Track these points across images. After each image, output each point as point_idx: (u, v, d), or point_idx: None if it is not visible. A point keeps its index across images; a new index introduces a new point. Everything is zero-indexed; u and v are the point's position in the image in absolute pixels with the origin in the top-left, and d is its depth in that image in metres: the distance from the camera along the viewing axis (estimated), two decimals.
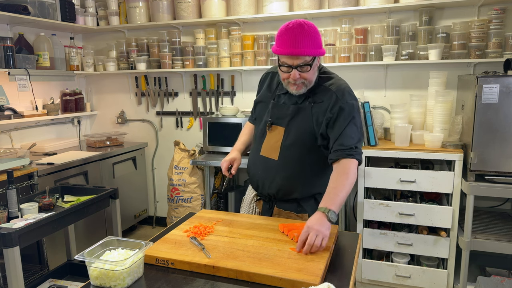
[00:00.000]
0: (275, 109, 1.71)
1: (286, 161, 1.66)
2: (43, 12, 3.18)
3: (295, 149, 1.65)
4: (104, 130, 4.17)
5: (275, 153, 1.67)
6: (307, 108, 1.64)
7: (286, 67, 1.55)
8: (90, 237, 3.22)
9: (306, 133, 1.64)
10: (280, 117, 1.68)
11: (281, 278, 1.16)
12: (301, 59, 1.51)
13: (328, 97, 1.61)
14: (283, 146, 1.66)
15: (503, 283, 2.22)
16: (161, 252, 1.33)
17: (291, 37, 1.48)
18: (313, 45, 1.51)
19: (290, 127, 1.66)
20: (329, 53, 3.14)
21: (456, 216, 2.62)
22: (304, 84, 1.59)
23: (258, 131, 1.79)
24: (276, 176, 1.69)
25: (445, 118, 2.74)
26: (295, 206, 1.73)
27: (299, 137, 1.64)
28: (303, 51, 1.48)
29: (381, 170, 2.75)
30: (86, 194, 2.42)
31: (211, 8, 3.32)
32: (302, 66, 1.52)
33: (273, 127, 1.70)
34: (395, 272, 2.81)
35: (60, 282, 2.53)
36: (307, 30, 1.49)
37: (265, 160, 1.71)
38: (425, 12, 2.89)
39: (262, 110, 1.78)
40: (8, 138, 3.26)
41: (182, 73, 3.76)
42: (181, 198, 3.49)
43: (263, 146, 1.72)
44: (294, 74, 1.54)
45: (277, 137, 1.68)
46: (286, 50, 1.49)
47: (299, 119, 1.65)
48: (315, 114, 1.62)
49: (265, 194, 1.76)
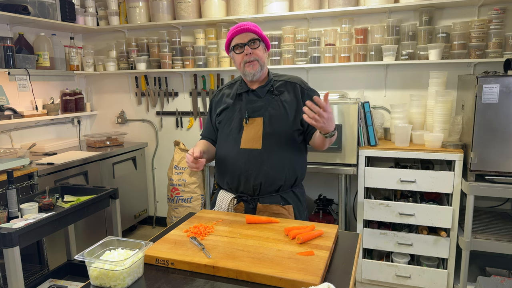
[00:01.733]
0: (248, 104, 1.80)
1: (270, 148, 1.74)
2: (43, 12, 3.18)
3: (275, 136, 1.75)
4: (104, 130, 4.17)
5: (258, 143, 1.74)
6: (276, 99, 1.79)
7: (239, 48, 1.74)
8: (90, 237, 3.22)
9: (282, 120, 1.76)
10: (256, 110, 1.78)
11: (281, 278, 1.16)
12: (249, 35, 1.72)
13: (292, 88, 1.81)
14: (265, 134, 1.74)
15: (503, 283, 2.22)
16: (161, 252, 1.33)
17: (240, 24, 1.74)
18: (259, 29, 1.76)
19: (267, 116, 1.76)
20: (329, 53, 3.14)
21: (456, 216, 2.62)
22: (258, 63, 1.74)
23: (231, 131, 1.81)
24: (262, 164, 1.72)
25: (445, 118, 2.74)
26: (279, 199, 1.76)
27: (277, 124, 1.75)
28: (250, 28, 1.72)
29: (381, 170, 2.75)
30: (86, 194, 2.42)
31: (211, 8, 3.33)
32: (252, 41, 1.72)
33: (250, 119, 1.77)
34: (395, 272, 2.81)
35: (60, 282, 2.53)
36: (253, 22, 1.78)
37: (247, 152, 1.74)
38: (425, 12, 2.89)
39: (229, 113, 1.85)
40: (8, 138, 3.26)
41: (182, 73, 3.76)
42: (181, 198, 3.49)
43: (243, 140, 1.76)
44: (247, 49, 1.72)
45: (257, 127, 1.76)
46: (235, 30, 1.73)
47: (273, 109, 1.77)
48: (284, 103, 1.78)
49: (249, 189, 1.74)
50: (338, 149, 2.74)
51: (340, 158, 2.75)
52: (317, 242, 1.39)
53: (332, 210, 3.15)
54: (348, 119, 2.69)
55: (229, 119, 1.84)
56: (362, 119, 2.79)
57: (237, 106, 1.83)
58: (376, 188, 2.89)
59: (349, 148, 2.72)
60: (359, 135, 2.76)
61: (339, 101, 2.73)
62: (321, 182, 3.38)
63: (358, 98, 2.86)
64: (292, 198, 1.79)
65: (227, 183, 1.82)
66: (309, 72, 3.37)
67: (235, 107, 1.84)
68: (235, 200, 1.79)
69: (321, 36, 3.23)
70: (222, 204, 1.82)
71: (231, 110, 1.84)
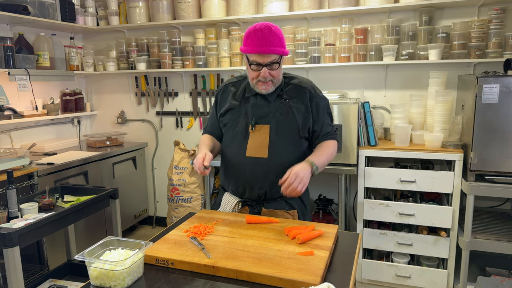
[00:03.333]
0: (255, 109, 1.73)
1: (276, 157, 1.69)
2: (43, 12, 3.18)
3: (282, 144, 1.70)
4: (104, 130, 4.17)
5: (264, 151, 1.69)
6: (285, 104, 1.73)
7: (256, 66, 1.61)
8: (90, 237, 3.22)
9: (290, 127, 1.71)
10: (263, 116, 1.72)
11: (281, 278, 1.16)
12: (270, 57, 1.59)
13: (302, 93, 1.74)
14: (271, 143, 1.69)
15: (503, 283, 2.22)
16: (161, 252, 1.33)
17: (261, 37, 1.55)
18: (281, 45, 1.59)
19: (274, 123, 1.71)
20: (329, 53, 3.14)
21: (456, 216, 2.62)
22: (272, 82, 1.67)
23: (236, 135, 1.76)
24: (267, 174, 1.69)
25: (445, 118, 2.74)
26: (284, 204, 1.75)
27: (284, 132, 1.71)
28: (273, 49, 1.57)
29: (381, 170, 2.75)
30: (86, 194, 2.42)
31: (211, 8, 3.32)
32: (271, 64, 1.60)
33: (257, 126, 1.71)
34: (395, 272, 2.81)
35: (60, 282, 2.53)
36: (275, 31, 1.58)
37: (253, 160, 1.70)
38: (425, 12, 2.89)
39: (234, 116, 1.78)
40: (8, 138, 3.26)
41: (182, 73, 3.76)
42: (181, 198, 3.49)
43: (249, 147, 1.71)
44: (264, 72, 1.61)
45: (263, 135, 1.70)
46: (257, 48, 1.56)
47: (281, 115, 1.72)
48: (293, 108, 1.72)
49: (254, 195, 1.74)
50: (338, 149, 2.73)
51: (340, 158, 2.75)
52: (317, 242, 1.39)
53: (332, 210, 3.15)
54: (348, 119, 2.69)
55: (234, 121, 1.77)
56: (362, 119, 2.79)
57: (242, 108, 1.76)
58: (376, 188, 2.89)
59: (349, 148, 2.72)
60: (359, 135, 2.76)
61: (339, 101, 2.73)
62: (321, 182, 3.38)
63: (358, 98, 2.86)
64: (297, 202, 1.78)
65: (231, 188, 1.81)
66: (309, 72, 3.37)
67: (240, 109, 1.77)
68: (240, 204, 1.79)
69: (321, 36, 3.23)
70: (226, 207, 1.81)
71: (237, 113, 1.77)
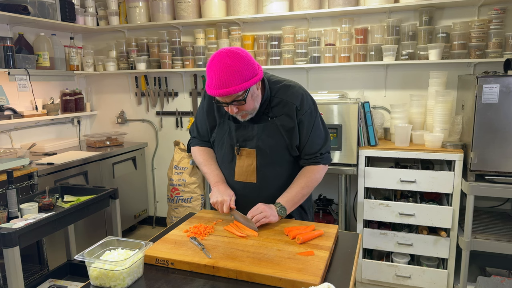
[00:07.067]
0: (239, 131, 1.63)
1: (266, 182, 1.64)
2: (43, 12, 3.18)
3: (271, 168, 1.63)
4: (104, 130, 4.17)
5: (252, 176, 1.64)
6: (271, 123, 1.60)
7: (222, 103, 1.50)
8: (90, 237, 3.22)
9: (279, 148, 1.62)
10: (247, 139, 1.62)
11: (281, 278, 1.16)
12: (232, 96, 1.43)
13: (289, 109, 1.59)
14: (259, 168, 1.62)
15: (503, 283, 2.22)
16: (161, 252, 1.33)
17: (217, 77, 1.39)
18: (242, 79, 1.39)
19: (261, 147, 1.60)
20: (329, 53, 3.14)
21: (456, 216, 2.62)
22: (247, 113, 1.54)
23: (223, 156, 1.70)
24: (258, 197, 1.64)
25: (445, 118, 2.74)
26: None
27: (272, 155, 1.61)
28: (232, 90, 1.39)
29: (381, 170, 2.75)
30: (86, 194, 2.41)
31: (211, 8, 3.32)
32: (236, 101, 1.46)
33: (242, 150, 1.63)
34: (395, 272, 2.81)
35: (60, 282, 2.53)
36: (231, 65, 1.38)
37: (243, 184, 1.66)
38: (425, 12, 2.89)
39: (220, 134, 1.69)
40: (8, 138, 3.26)
41: (182, 73, 3.76)
42: (181, 198, 3.49)
43: (237, 172, 1.66)
44: (231, 109, 1.50)
45: (250, 160, 1.63)
46: (215, 91, 1.41)
47: (268, 136, 1.60)
48: (281, 127, 1.60)
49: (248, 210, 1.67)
50: (338, 149, 2.74)
51: (340, 158, 2.74)
52: (317, 242, 1.39)
53: (332, 210, 3.15)
54: (348, 119, 2.69)
55: (219, 140, 1.69)
56: (362, 119, 2.78)
57: (225, 126, 1.66)
58: (376, 188, 2.89)
59: (349, 148, 2.72)
60: (359, 135, 2.76)
61: (339, 101, 2.73)
62: (321, 182, 3.33)
63: (358, 98, 2.86)
64: (296, 211, 1.72)
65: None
66: (309, 72, 3.37)
67: (224, 127, 1.67)
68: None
69: (321, 36, 3.23)
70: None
71: (221, 130, 1.68)
